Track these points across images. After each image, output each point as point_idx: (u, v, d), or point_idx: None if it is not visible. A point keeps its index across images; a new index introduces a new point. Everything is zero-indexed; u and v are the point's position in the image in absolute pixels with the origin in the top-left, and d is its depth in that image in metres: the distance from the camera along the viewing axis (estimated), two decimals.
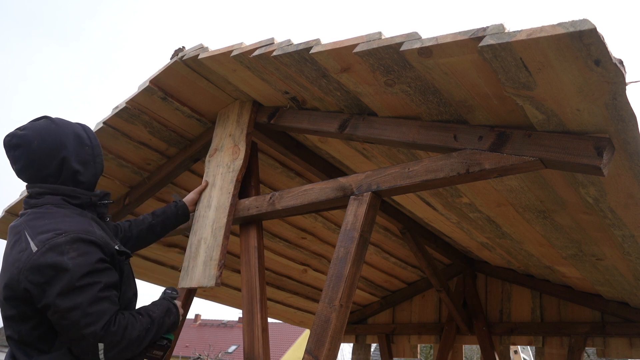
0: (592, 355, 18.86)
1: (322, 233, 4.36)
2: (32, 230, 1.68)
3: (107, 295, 1.68)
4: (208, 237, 2.86)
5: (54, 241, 1.63)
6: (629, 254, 3.12)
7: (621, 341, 4.50)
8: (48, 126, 1.84)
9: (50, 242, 1.63)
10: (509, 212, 3.11)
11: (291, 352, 31.77)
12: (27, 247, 1.64)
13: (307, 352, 2.23)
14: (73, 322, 1.60)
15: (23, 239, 1.67)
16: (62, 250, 1.61)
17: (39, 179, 1.81)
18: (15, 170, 1.85)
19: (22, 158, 1.80)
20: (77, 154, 1.85)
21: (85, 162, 1.88)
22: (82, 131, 1.92)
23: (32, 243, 1.64)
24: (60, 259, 1.60)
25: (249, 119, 2.98)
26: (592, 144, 1.86)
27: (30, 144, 1.78)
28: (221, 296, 5.13)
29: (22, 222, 1.75)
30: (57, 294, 1.58)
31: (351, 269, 2.29)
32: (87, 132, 1.94)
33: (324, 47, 2.16)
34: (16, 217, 3.65)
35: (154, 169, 3.57)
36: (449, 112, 2.20)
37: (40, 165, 1.80)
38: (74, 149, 1.85)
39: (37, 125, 1.84)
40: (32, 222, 1.72)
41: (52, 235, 1.64)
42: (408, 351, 5.58)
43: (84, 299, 1.60)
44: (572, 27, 1.44)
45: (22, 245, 1.66)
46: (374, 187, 2.40)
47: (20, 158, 1.81)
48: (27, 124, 1.86)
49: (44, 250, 1.61)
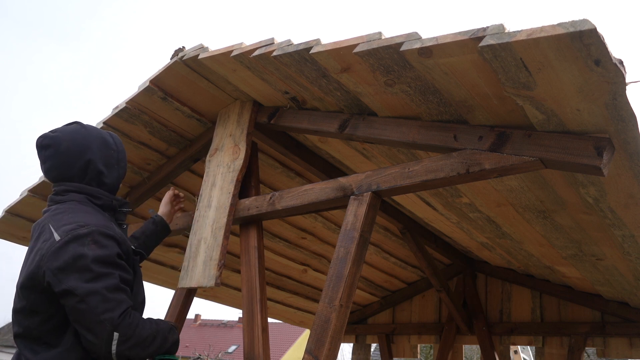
0: (592, 355, 18.86)
1: (322, 233, 4.36)
2: (55, 223, 1.77)
3: (124, 287, 1.74)
4: (208, 237, 2.86)
5: (76, 232, 1.71)
6: (629, 254, 3.12)
7: (621, 341, 4.50)
8: (77, 130, 1.98)
9: (72, 232, 1.71)
10: (509, 212, 3.11)
11: (291, 352, 31.77)
12: (51, 237, 1.73)
13: (307, 352, 2.23)
14: (92, 307, 1.63)
15: (47, 231, 1.76)
16: (83, 242, 1.70)
17: (65, 178, 1.93)
18: (43, 169, 1.97)
19: (51, 158, 1.93)
20: (102, 157, 1.98)
21: (109, 165, 2.00)
22: (108, 137, 2.05)
23: (55, 233, 1.73)
24: (81, 248, 1.68)
25: (249, 119, 2.98)
26: (592, 144, 1.86)
27: (59, 145, 1.92)
28: (221, 296, 5.13)
29: (47, 216, 1.85)
30: (77, 279, 1.65)
31: (351, 269, 2.29)
32: (113, 138, 2.07)
33: (324, 47, 2.17)
34: (16, 217, 3.69)
35: (154, 169, 3.57)
36: (449, 112, 2.21)
37: (67, 165, 1.92)
38: (100, 152, 1.98)
39: (67, 129, 1.98)
40: (56, 216, 1.81)
41: (75, 227, 1.73)
42: (408, 351, 5.58)
43: (103, 285, 1.67)
44: (572, 27, 1.44)
45: (46, 236, 1.75)
46: (374, 187, 2.40)
47: (49, 158, 1.93)
48: (58, 128, 2.00)
49: (66, 239, 1.70)
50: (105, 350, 1.64)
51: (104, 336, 1.63)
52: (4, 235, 3.90)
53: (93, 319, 1.63)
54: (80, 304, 1.64)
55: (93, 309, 1.63)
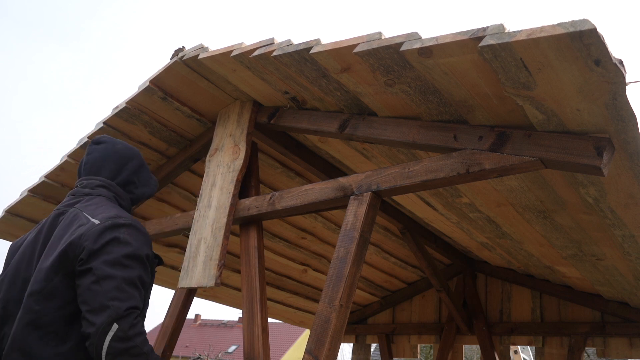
0: (592, 355, 18.87)
1: (322, 233, 4.37)
2: (91, 212, 1.85)
3: (140, 291, 1.75)
4: (208, 237, 2.86)
5: (115, 221, 1.79)
6: (629, 254, 3.12)
7: (621, 341, 4.50)
8: (129, 145, 2.22)
9: (112, 220, 1.79)
10: (509, 212, 3.11)
11: (291, 352, 31.78)
12: (88, 221, 1.79)
13: (307, 352, 2.23)
14: (104, 290, 1.64)
15: (82, 217, 1.83)
16: (120, 231, 1.77)
17: (100, 173, 2.05)
18: (84, 161, 2.09)
19: (100, 151, 2.09)
20: (139, 171, 2.16)
21: (141, 181, 2.17)
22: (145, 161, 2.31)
23: (93, 219, 1.80)
24: (118, 236, 1.75)
25: (249, 119, 2.98)
26: (592, 144, 1.86)
27: (114, 144, 2.13)
28: (221, 296, 5.13)
29: (77, 207, 1.91)
30: (103, 261, 1.69)
31: (351, 269, 2.29)
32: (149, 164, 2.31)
33: (324, 47, 2.17)
34: (16, 217, 3.68)
35: (154, 169, 3.57)
36: (449, 112, 2.21)
37: (111, 162, 2.08)
38: (139, 167, 2.17)
39: (122, 141, 2.22)
40: (90, 207, 1.89)
41: (114, 215, 1.82)
42: (408, 351, 5.58)
43: (123, 275, 1.69)
44: (572, 27, 1.44)
45: (81, 221, 1.81)
46: (374, 187, 2.40)
47: (98, 150, 2.09)
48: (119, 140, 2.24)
49: (106, 224, 1.77)
50: (99, 340, 1.59)
51: (104, 322, 1.60)
52: (4, 235, 3.89)
53: (101, 301, 1.63)
54: (95, 284, 1.65)
55: (105, 292, 1.64)
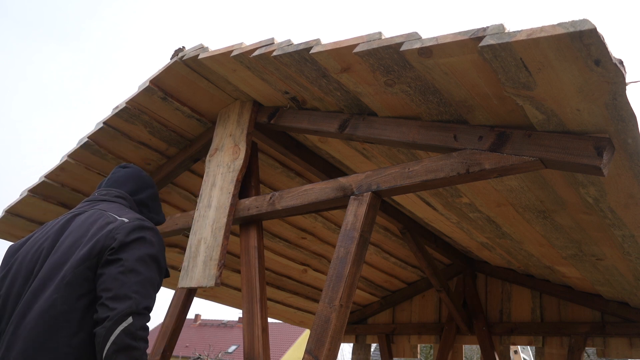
0: (592, 355, 18.86)
1: (322, 233, 4.36)
2: (116, 212, 1.90)
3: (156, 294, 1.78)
4: (208, 237, 2.86)
5: (142, 222, 1.85)
6: (629, 254, 3.12)
7: (621, 341, 4.49)
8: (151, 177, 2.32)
9: (139, 221, 1.85)
10: (509, 212, 3.11)
11: (291, 352, 31.77)
12: (116, 219, 1.84)
13: (307, 352, 2.23)
14: (130, 282, 1.67)
15: (109, 216, 1.87)
16: (147, 232, 1.82)
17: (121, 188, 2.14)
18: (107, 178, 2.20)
19: (125, 172, 2.21)
20: (154, 200, 2.26)
21: (154, 208, 2.24)
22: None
23: (121, 218, 1.85)
24: (145, 235, 1.81)
25: (249, 119, 2.98)
26: (592, 144, 1.86)
27: (139, 170, 2.25)
28: (221, 296, 5.13)
29: (99, 208, 1.96)
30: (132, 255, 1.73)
31: (351, 269, 2.29)
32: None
33: (324, 47, 2.17)
34: (16, 217, 3.68)
35: (154, 169, 3.57)
36: (449, 112, 2.21)
37: (133, 182, 2.18)
38: (155, 196, 2.27)
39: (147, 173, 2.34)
40: (112, 209, 1.95)
41: (140, 218, 1.88)
42: (408, 351, 5.58)
43: (148, 275, 1.73)
44: (572, 27, 1.44)
45: (109, 219, 1.85)
46: (374, 187, 2.40)
47: (123, 172, 2.21)
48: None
49: (135, 223, 1.82)
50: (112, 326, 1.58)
51: (123, 311, 1.61)
52: (4, 235, 3.89)
53: (125, 291, 1.64)
54: (122, 275, 1.67)
55: (130, 284, 1.66)
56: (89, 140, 3.24)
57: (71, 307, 1.69)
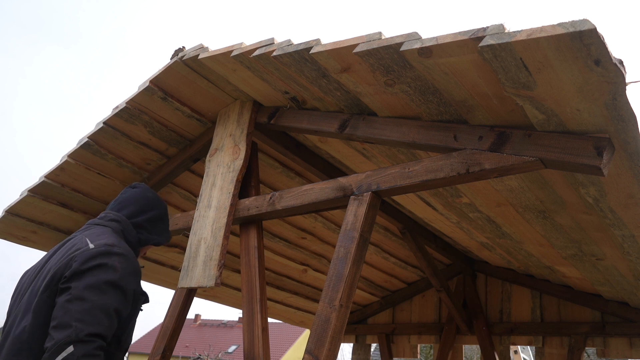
0: (592, 355, 18.87)
1: (322, 233, 4.36)
2: (92, 238, 1.92)
3: (112, 320, 1.75)
4: (208, 237, 2.86)
5: (110, 248, 1.85)
6: (629, 254, 3.12)
7: (621, 341, 4.49)
8: (160, 198, 2.36)
9: (106, 247, 1.85)
10: (509, 212, 3.11)
11: (291, 352, 31.77)
12: (86, 245, 1.86)
13: (307, 352, 2.23)
14: (74, 310, 1.66)
15: (82, 241, 1.90)
16: (112, 258, 1.82)
17: (122, 211, 2.16)
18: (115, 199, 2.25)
19: (132, 193, 2.24)
20: (156, 221, 2.25)
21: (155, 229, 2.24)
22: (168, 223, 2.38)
23: (91, 244, 1.87)
24: (108, 262, 1.80)
25: (250, 119, 2.98)
26: (592, 144, 1.86)
27: (145, 191, 2.28)
28: (221, 296, 5.13)
29: (84, 233, 1.99)
30: (82, 283, 1.72)
31: (351, 269, 2.29)
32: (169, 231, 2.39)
33: (324, 47, 2.16)
34: (16, 217, 3.68)
35: (154, 169, 3.57)
36: (449, 112, 2.20)
37: (135, 204, 2.20)
38: (158, 218, 2.26)
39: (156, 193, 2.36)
40: (93, 234, 1.97)
41: (111, 243, 1.88)
42: (408, 351, 5.58)
43: (99, 301, 1.71)
44: (572, 27, 1.44)
45: (80, 245, 1.87)
46: (374, 187, 2.40)
47: (130, 192, 2.25)
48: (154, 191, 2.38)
49: (99, 250, 1.83)
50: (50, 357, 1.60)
51: (61, 340, 1.61)
52: (4, 235, 3.89)
53: (66, 318, 1.64)
54: (68, 303, 1.67)
55: (72, 313, 1.65)
56: (89, 140, 3.24)
57: (34, 335, 1.72)
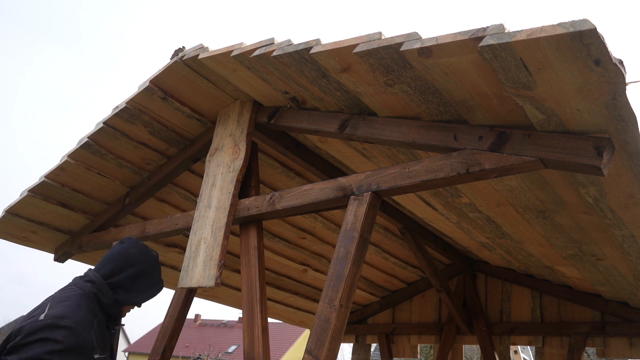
0: (592, 355, 18.87)
1: (322, 233, 4.36)
2: (51, 306, 1.94)
3: None
4: (208, 237, 2.86)
5: (57, 321, 1.85)
6: (629, 254, 3.12)
7: (621, 341, 4.49)
8: (148, 251, 2.31)
9: (54, 319, 1.86)
10: (509, 212, 3.11)
11: (291, 352, 31.77)
12: (41, 313, 1.89)
13: (307, 352, 2.23)
14: None
15: (43, 307, 1.94)
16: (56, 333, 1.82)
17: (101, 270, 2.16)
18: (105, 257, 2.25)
19: (115, 250, 2.24)
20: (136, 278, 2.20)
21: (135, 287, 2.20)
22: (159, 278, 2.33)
23: (44, 314, 1.89)
24: (49, 335, 1.81)
25: (250, 119, 2.98)
26: (592, 144, 1.86)
27: (129, 247, 2.26)
28: (221, 296, 5.13)
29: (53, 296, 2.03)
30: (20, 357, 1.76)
31: (351, 269, 2.29)
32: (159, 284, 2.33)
33: (324, 47, 2.16)
34: (16, 217, 3.68)
35: (154, 169, 3.57)
36: (449, 112, 2.21)
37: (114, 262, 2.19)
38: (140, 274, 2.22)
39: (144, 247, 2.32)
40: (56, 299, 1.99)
41: (61, 315, 1.88)
42: (408, 351, 5.58)
43: None
44: (572, 27, 1.44)
45: (40, 311, 1.91)
46: (374, 187, 2.40)
47: (115, 249, 2.25)
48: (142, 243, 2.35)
49: (45, 323, 1.84)
50: None
51: None
52: (4, 235, 3.89)
53: None
54: None
55: None
56: (89, 140, 3.24)
57: None
